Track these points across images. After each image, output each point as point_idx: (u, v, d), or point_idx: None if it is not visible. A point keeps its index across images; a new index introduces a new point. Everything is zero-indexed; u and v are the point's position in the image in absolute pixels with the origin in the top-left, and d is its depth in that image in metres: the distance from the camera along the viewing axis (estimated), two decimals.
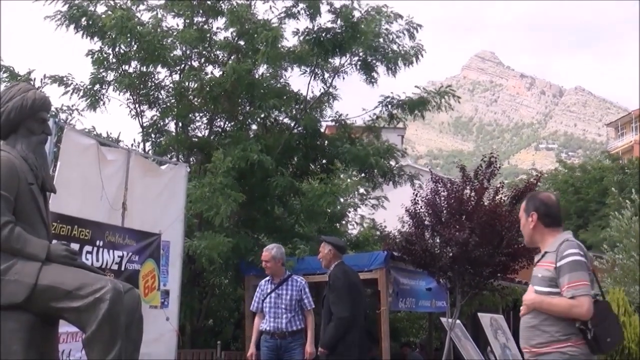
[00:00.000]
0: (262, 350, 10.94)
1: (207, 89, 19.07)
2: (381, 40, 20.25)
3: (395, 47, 20.44)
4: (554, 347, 5.81)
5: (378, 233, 23.21)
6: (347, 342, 9.99)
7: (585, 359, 5.79)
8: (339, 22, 19.81)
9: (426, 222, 16.30)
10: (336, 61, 20.99)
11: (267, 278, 11.28)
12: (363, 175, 21.67)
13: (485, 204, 16.16)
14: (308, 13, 20.05)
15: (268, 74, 20.32)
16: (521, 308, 6.19)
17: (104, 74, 19.32)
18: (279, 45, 19.21)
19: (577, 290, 5.73)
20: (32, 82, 17.91)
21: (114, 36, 18.34)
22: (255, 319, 11.30)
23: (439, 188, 16.44)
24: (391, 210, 20.69)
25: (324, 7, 20.05)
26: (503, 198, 16.87)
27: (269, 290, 11.09)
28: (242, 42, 19.84)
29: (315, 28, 20.10)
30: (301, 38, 20.28)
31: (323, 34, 19.90)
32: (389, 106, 21.41)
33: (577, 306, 5.71)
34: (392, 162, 21.51)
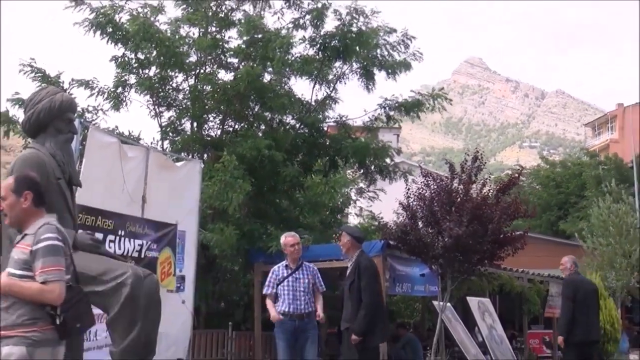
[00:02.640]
0: (280, 331, 10.92)
1: (220, 92, 19.08)
2: (379, 51, 20.49)
3: (395, 54, 20.70)
4: (17, 331, 5.16)
5: (376, 223, 23.23)
6: (378, 325, 10.09)
7: (49, 344, 5.24)
8: (343, 29, 19.87)
9: (419, 215, 16.32)
10: (338, 68, 21.12)
11: (282, 264, 11.30)
12: (362, 171, 21.78)
13: (474, 196, 16.18)
14: (313, 23, 20.16)
15: (274, 80, 20.38)
16: None
17: (126, 77, 19.35)
18: (290, 52, 19.42)
19: (49, 275, 5.15)
20: (61, 84, 17.96)
21: (137, 42, 18.39)
22: (267, 301, 11.30)
23: (429, 182, 16.47)
24: (388, 202, 20.68)
25: (329, 18, 20.21)
26: (489, 191, 16.87)
27: (285, 275, 11.10)
28: (253, 50, 19.82)
29: (321, 33, 20.18)
30: (307, 45, 20.39)
31: (328, 40, 19.98)
32: (387, 108, 21.54)
33: (48, 291, 5.14)
34: (388, 160, 21.58)
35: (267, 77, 20.28)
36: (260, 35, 19.50)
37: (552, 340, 24.60)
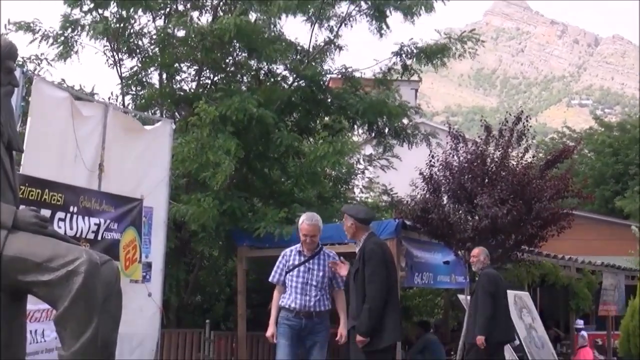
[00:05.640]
0: (282, 327, 10.74)
1: (196, 37, 18.90)
2: None
3: None
4: None
5: (388, 199, 23.21)
6: (387, 323, 10.05)
7: None
8: None
9: (444, 188, 16.31)
10: (343, 7, 20.98)
11: (295, 247, 11.07)
12: (372, 135, 21.68)
13: (512, 164, 16.18)
14: None
15: (262, 21, 20.21)
16: None
17: (76, 16, 19.18)
18: None
19: None
20: None
21: None
22: (274, 293, 11.09)
23: (459, 146, 16.43)
24: (403, 173, 20.66)
25: None
26: (533, 159, 16.85)
27: (296, 263, 10.90)
28: None
29: None
30: None
31: None
32: (403, 56, 21.35)
33: None
34: (405, 121, 21.46)
35: (252, 16, 20.10)
36: None
37: (605, 343, 24.70)
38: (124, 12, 19.40)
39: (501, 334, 13.70)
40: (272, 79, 20.99)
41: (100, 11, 19.19)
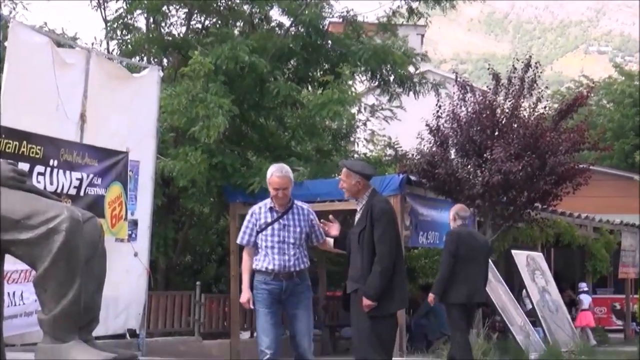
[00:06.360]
0: (260, 294, 10.43)
1: None
2: None
3: None
4: None
5: (392, 152, 23.17)
6: (396, 287, 10.01)
7: None
8: None
9: (451, 141, 16.29)
10: None
11: (265, 203, 10.62)
12: (376, 83, 21.57)
13: (524, 115, 16.15)
14: None
15: None
16: None
17: None
18: None
19: None
20: None
21: None
22: (244, 256, 10.74)
23: (467, 96, 16.38)
24: (408, 125, 20.60)
25: None
26: (546, 110, 16.79)
27: (269, 220, 10.54)
28: None
29: None
30: None
31: None
32: None
33: None
34: (411, 69, 21.38)
35: None
36: None
37: (624, 308, 24.77)
38: None
39: (458, 296, 13.15)
40: (267, 25, 20.86)
41: None
